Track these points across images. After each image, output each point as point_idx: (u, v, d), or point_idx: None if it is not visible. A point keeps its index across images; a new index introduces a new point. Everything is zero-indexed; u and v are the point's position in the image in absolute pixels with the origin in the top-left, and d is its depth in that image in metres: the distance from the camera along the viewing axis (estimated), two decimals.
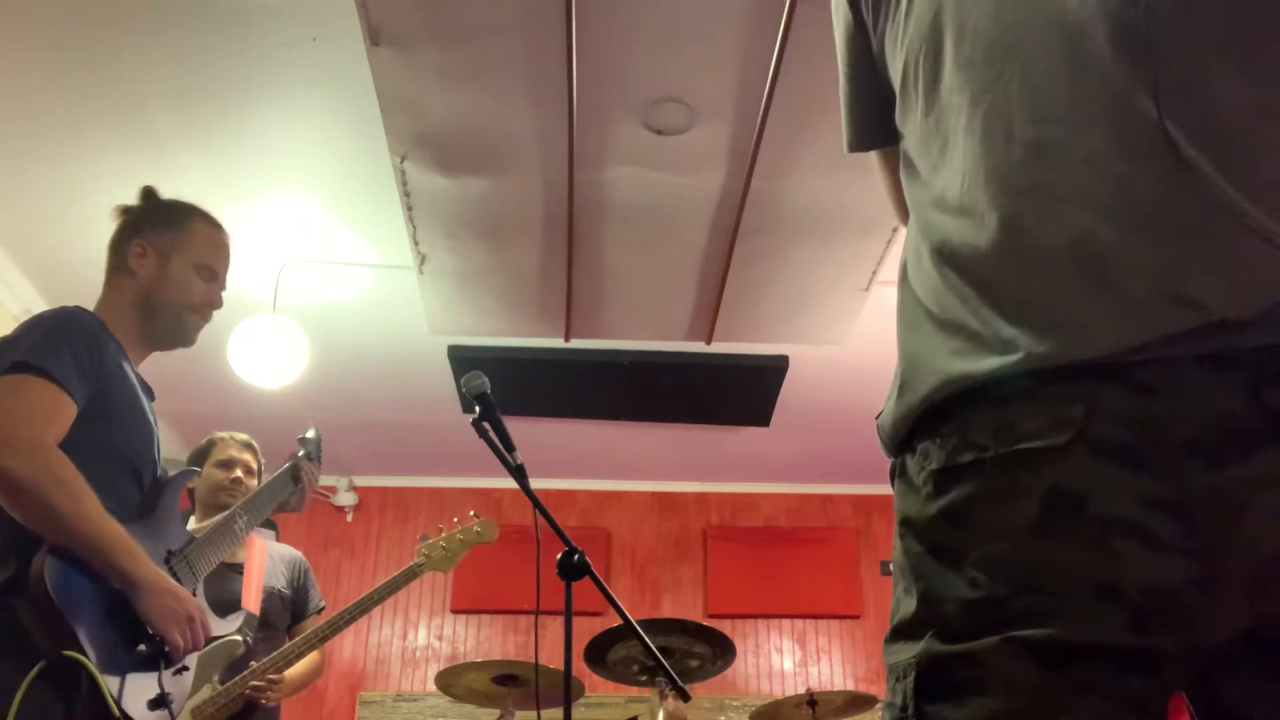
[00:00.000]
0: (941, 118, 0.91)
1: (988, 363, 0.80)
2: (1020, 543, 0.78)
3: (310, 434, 2.50)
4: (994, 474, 0.80)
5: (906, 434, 0.88)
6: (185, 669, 1.92)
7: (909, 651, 0.84)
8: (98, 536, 1.72)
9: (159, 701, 1.80)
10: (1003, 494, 0.79)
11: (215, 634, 1.99)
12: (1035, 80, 0.84)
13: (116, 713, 1.68)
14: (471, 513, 3.28)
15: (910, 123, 0.97)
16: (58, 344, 1.81)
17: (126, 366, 1.95)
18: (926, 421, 0.86)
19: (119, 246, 2.08)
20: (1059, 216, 0.80)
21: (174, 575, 1.90)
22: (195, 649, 1.87)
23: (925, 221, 0.91)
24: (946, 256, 0.87)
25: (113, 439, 1.85)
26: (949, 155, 0.89)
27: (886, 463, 0.96)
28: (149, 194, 2.17)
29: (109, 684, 1.68)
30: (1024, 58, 0.85)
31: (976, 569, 0.79)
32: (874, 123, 1.09)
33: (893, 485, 0.93)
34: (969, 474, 0.81)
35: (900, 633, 0.87)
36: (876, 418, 0.94)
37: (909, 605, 0.85)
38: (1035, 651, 0.76)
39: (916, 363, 0.88)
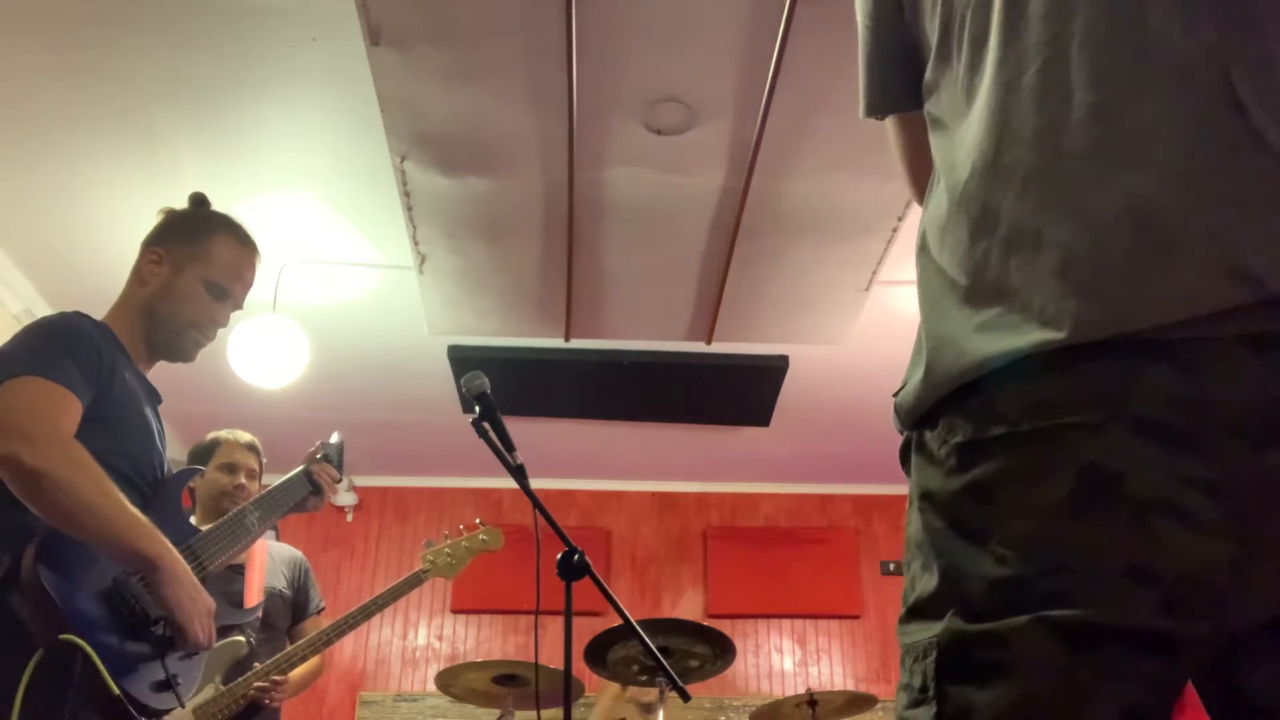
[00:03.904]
0: (987, 75, 0.87)
1: (1027, 339, 0.77)
2: (1051, 521, 0.76)
3: (334, 439, 2.46)
4: (1026, 449, 0.77)
5: (928, 410, 0.86)
6: (195, 653, 1.91)
7: (929, 631, 0.81)
8: (123, 520, 1.71)
9: (165, 684, 1.80)
10: (1034, 470, 0.77)
11: (226, 622, 1.98)
12: (1097, 42, 0.81)
13: (114, 690, 1.67)
14: (477, 520, 3.28)
15: (948, 80, 0.93)
16: (57, 350, 1.80)
17: (128, 372, 1.94)
18: (952, 396, 0.83)
19: (141, 251, 2.06)
20: (1116, 182, 0.78)
21: None
22: (209, 645, 1.86)
23: (957, 183, 0.88)
24: (982, 220, 0.84)
25: (108, 445, 1.83)
26: (992, 114, 0.85)
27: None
28: (198, 200, 2.15)
29: (108, 668, 1.68)
30: (1085, 17, 0.82)
31: (1004, 546, 0.77)
32: (895, 83, 1.05)
33: (905, 460, 0.90)
34: (998, 448, 0.79)
35: (918, 611, 0.83)
36: (894, 395, 0.91)
37: (928, 582, 0.82)
38: (1063, 633, 0.74)
39: (944, 343, 0.84)
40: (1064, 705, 0.74)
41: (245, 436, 3.12)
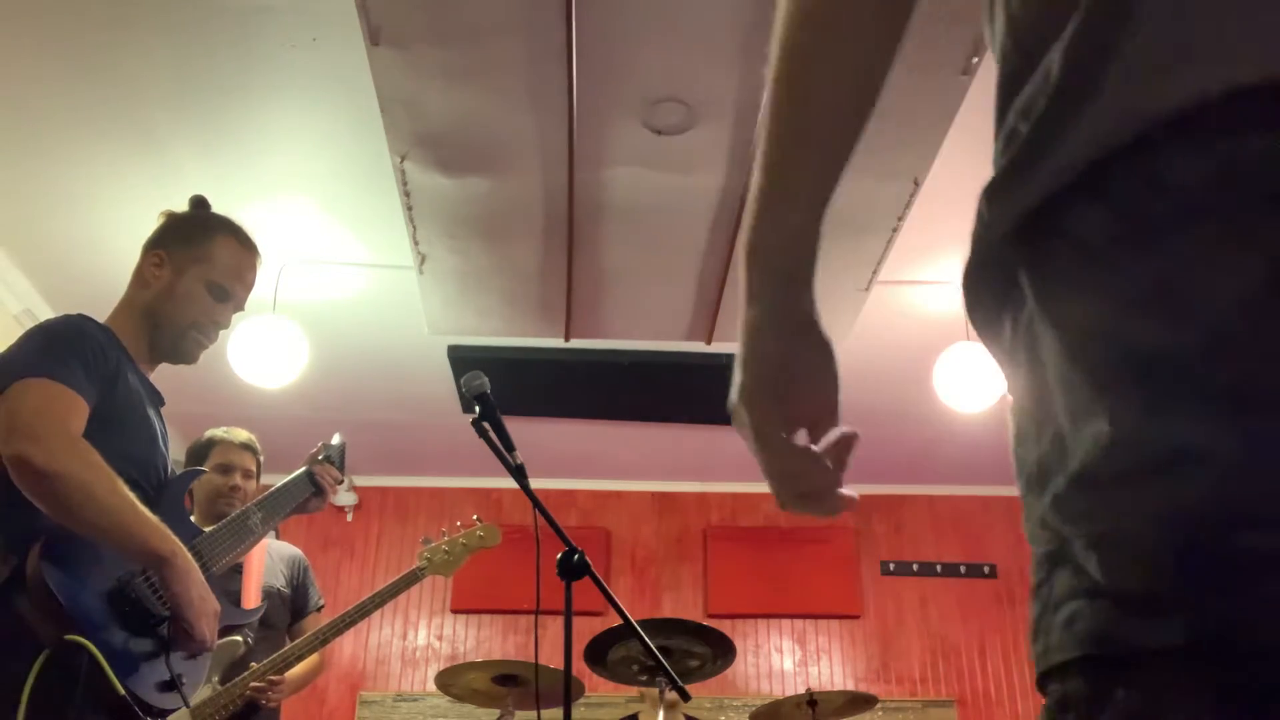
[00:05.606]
0: None
1: None
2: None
3: (336, 440, 2.46)
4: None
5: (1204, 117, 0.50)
6: (199, 653, 1.92)
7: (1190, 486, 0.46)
8: (135, 518, 1.72)
9: (170, 684, 1.80)
10: None
11: (226, 622, 1.99)
12: None
13: (121, 691, 1.68)
14: (475, 517, 3.27)
15: None
16: (63, 353, 1.81)
17: (131, 374, 1.94)
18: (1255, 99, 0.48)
19: (142, 254, 2.07)
20: None
21: None
22: (213, 647, 1.87)
23: None
24: None
25: (111, 447, 1.83)
26: None
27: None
28: (198, 203, 2.16)
29: (114, 668, 1.68)
30: None
31: None
32: None
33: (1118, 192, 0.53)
34: None
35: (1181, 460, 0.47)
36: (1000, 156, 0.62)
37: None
38: None
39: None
40: None
41: (241, 435, 3.11)
